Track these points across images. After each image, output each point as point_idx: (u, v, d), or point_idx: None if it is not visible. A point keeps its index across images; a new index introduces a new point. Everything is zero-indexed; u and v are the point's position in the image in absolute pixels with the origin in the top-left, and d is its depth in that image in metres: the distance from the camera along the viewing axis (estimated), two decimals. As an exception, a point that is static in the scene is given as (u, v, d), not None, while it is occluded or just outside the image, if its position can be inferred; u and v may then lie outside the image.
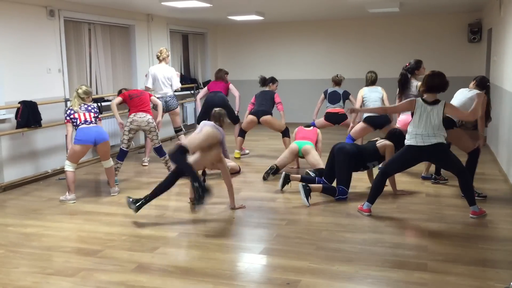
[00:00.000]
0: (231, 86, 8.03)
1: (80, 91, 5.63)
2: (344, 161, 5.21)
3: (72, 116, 5.53)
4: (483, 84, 5.38)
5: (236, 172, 6.61)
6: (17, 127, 6.12)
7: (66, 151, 5.66)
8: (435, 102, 4.57)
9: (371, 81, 7.05)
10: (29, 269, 3.70)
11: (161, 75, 7.40)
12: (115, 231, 4.50)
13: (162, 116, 6.94)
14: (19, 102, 6.11)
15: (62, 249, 4.10)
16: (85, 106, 5.63)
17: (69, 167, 5.48)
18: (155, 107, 6.76)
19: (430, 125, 4.54)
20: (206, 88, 8.12)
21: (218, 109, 6.58)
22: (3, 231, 4.58)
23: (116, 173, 6.16)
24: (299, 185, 5.13)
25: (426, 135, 4.53)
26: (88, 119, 5.54)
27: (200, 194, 4.46)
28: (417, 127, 4.59)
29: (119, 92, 6.83)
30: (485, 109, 5.25)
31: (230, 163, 6.55)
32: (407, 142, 4.68)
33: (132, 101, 6.47)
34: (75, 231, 4.55)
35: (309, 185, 5.09)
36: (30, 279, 3.53)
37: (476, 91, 5.27)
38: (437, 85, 4.60)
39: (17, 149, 6.35)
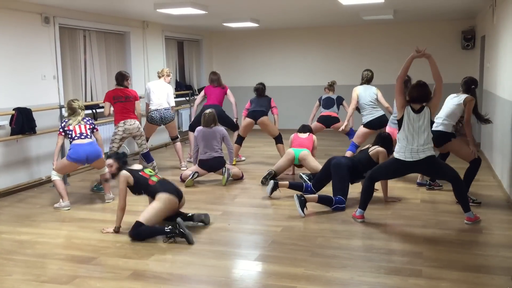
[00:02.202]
0: (228, 91, 7.98)
1: (80, 104, 5.69)
2: (341, 175, 5.21)
3: (67, 129, 5.52)
4: (468, 88, 5.38)
5: (239, 178, 6.62)
6: (12, 134, 6.10)
7: (53, 162, 5.59)
8: (421, 109, 4.53)
9: (367, 80, 7.08)
10: (23, 277, 3.68)
11: (158, 90, 7.32)
12: (110, 238, 4.48)
13: (150, 136, 7.32)
14: (13, 109, 6.10)
15: (56, 256, 4.08)
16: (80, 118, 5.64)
17: (55, 176, 5.47)
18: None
19: (419, 135, 4.48)
20: (203, 92, 8.05)
21: (208, 111, 6.63)
22: (-3, 239, 4.56)
23: (100, 181, 6.11)
24: (294, 196, 5.05)
25: (415, 150, 4.49)
26: (84, 132, 5.54)
27: (183, 234, 4.25)
28: (406, 138, 4.53)
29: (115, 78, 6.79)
30: (470, 114, 5.26)
31: (234, 169, 6.56)
32: (396, 154, 4.64)
33: (116, 105, 6.47)
34: (69, 238, 4.53)
35: (304, 196, 5.05)
36: (24, 286, 3.51)
37: (463, 96, 5.30)
38: (417, 96, 4.55)
39: (11, 155, 6.33)
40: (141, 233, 4.32)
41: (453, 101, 5.36)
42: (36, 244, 4.38)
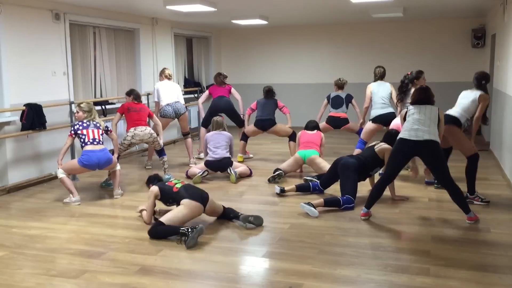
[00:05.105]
0: (232, 90, 8.03)
1: (91, 104, 5.78)
2: (349, 175, 5.19)
3: (80, 132, 5.55)
4: (479, 83, 5.36)
5: (247, 176, 6.64)
6: (22, 130, 6.16)
7: (58, 162, 5.59)
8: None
9: (380, 76, 7.02)
10: (33, 271, 3.72)
11: (167, 89, 7.39)
12: (118, 233, 4.52)
13: (163, 130, 6.98)
14: (24, 105, 6.16)
15: (65, 251, 4.12)
16: (94, 122, 5.67)
17: (62, 174, 5.51)
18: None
19: (425, 118, 4.62)
20: (207, 92, 8.11)
21: (215, 118, 6.92)
22: (7, 233, 4.61)
23: (109, 177, 6.17)
24: (301, 205, 5.00)
25: (421, 130, 4.58)
26: (97, 138, 5.57)
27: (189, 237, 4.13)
28: (411, 122, 4.67)
29: (129, 92, 6.82)
30: (482, 112, 5.24)
31: (241, 167, 6.60)
32: (400, 135, 4.71)
33: (130, 114, 6.50)
34: (79, 233, 4.57)
35: (311, 202, 5.00)
36: (34, 280, 3.55)
37: (478, 93, 5.27)
38: (423, 98, 4.80)
39: (22, 151, 6.39)
40: (158, 231, 4.33)
41: (468, 98, 5.33)
42: (46, 238, 4.43)
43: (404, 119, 4.84)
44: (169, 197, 4.60)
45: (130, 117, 6.52)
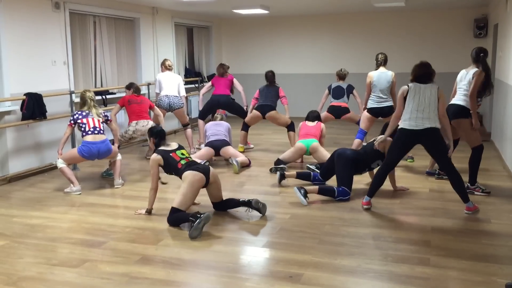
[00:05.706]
0: (234, 80, 8.01)
1: (91, 95, 5.72)
2: (345, 166, 5.17)
3: (79, 121, 5.55)
4: (477, 56, 5.27)
5: (246, 166, 6.65)
6: (23, 119, 6.15)
7: (58, 151, 5.60)
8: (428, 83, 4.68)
9: (382, 61, 6.74)
10: (34, 260, 3.73)
11: (168, 80, 7.44)
12: (119, 223, 4.53)
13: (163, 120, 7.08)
14: (24, 94, 6.14)
15: (66, 240, 4.13)
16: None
17: (61, 163, 5.51)
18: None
19: (425, 104, 4.57)
20: (210, 83, 8.10)
21: (217, 115, 7.24)
22: (8, 222, 4.62)
23: (110, 167, 6.17)
24: (294, 189, 5.05)
25: (420, 117, 4.56)
26: (97, 126, 5.57)
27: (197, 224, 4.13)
28: (410, 109, 4.61)
29: (129, 86, 6.85)
30: (475, 88, 5.16)
31: (241, 157, 6.60)
32: (401, 124, 4.69)
33: (131, 107, 6.58)
34: (80, 223, 4.58)
35: (304, 187, 5.04)
36: (35, 269, 3.56)
37: (471, 72, 5.23)
38: (423, 74, 4.69)
39: (22, 140, 6.39)
40: (175, 219, 4.37)
41: (466, 79, 5.29)
42: (46, 228, 4.44)
43: (404, 98, 4.70)
44: (172, 169, 4.62)
45: (132, 109, 6.57)
